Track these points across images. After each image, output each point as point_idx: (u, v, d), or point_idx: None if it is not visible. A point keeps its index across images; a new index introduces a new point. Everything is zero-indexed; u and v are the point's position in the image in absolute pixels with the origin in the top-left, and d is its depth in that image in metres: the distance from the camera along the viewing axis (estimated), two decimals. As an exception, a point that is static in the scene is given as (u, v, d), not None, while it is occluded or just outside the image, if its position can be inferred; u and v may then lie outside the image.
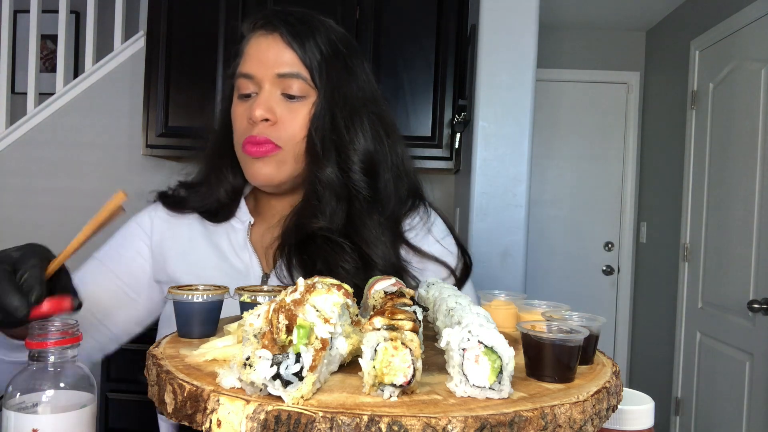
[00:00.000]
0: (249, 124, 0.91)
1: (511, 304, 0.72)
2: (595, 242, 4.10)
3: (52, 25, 3.08)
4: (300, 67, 0.91)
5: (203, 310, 0.63)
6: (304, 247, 0.91)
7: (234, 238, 0.99)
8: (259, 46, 0.93)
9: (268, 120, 0.90)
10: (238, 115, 0.94)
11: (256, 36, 0.94)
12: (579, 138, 4.08)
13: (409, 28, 2.56)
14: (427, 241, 0.99)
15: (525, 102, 2.22)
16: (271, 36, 0.92)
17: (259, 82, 0.91)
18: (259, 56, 0.92)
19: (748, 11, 2.72)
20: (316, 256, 0.89)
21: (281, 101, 0.91)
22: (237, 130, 0.95)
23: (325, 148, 0.92)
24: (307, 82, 0.91)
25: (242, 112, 0.93)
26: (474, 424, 0.41)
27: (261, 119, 0.89)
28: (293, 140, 0.92)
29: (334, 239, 0.90)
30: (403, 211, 1.00)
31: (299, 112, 0.92)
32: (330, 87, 0.92)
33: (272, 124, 0.91)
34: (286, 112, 0.91)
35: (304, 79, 0.91)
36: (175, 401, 0.47)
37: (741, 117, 2.78)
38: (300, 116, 0.92)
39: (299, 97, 0.92)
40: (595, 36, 4.02)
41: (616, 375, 0.55)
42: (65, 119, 2.96)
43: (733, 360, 2.77)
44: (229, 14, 2.60)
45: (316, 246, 0.90)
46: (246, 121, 0.92)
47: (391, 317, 0.48)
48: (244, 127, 0.93)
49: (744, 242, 2.68)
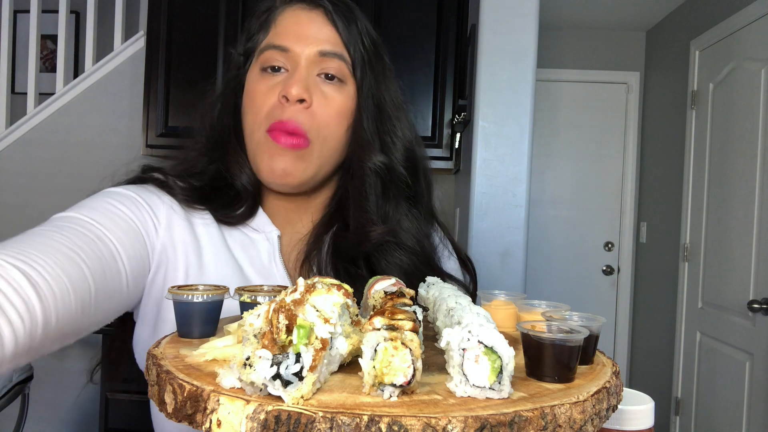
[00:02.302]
0: (279, 103, 0.81)
1: (511, 304, 0.72)
2: (595, 242, 4.10)
3: (52, 25, 3.08)
4: (342, 48, 0.83)
5: (203, 310, 0.62)
6: (366, 260, 0.84)
7: (255, 252, 0.85)
8: (298, 19, 0.83)
9: (303, 101, 0.80)
10: (260, 91, 0.82)
11: (294, 8, 0.85)
12: (579, 138, 4.08)
13: (409, 28, 2.56)
14: (444, 257, 0.97)
15: (525, 102, 2.22)
16: (313, 11, 0.84)
17: (295, 58, 0.82)
18: (299, 30, 0.82)
19: (748, 11, 2.72)
20: (372, 268, 0.84)
21: (317, 83, 0.82)
22: (259, 109, 0.82)
23: (372, 137, 0.85)
24: (347, 66, 0.84)
25: (268, 88, 0.82)
26: (474, 424, 0.41)
27: (297, 99, 0.79)
28: (323, 131, 0.83)
29: (390, 243, 0.85)
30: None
31: (333, 99, 0.83)
32: (373, 76, 0.86)
33: (306, 107, 0.81)
34: (320, 97, 0.82)
35: (346, 62, 0.83)
36: (175, 401, 0.47)
37: (741, 117, 2.78)
38: (334, 103, 0.83)
39: (338, 79, 0.83)
40: (595, 36, 4.02)
41: (616, 375, 0.55)
42: (65, 119, 2.96)
43: (733, 360, 2.77)
44: (229, 14, 2.60)
45: (373, 257, 0.84)
46: (274, 99, 0.81)
47: (391, 317, 0.48)
48: (271, 106, 0.81)
49: (744, 242, 2.68)
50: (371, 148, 0.85)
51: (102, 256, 0.68)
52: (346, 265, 0.85)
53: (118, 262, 0.71)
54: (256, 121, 0.83)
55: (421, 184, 0.94)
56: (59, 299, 0.58)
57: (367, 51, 0.85)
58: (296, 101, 0.80)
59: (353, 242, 0.85)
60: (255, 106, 0.83)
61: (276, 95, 0.81)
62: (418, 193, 0.93)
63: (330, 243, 0.87)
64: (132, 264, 0.73)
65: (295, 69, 0.81)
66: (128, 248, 0.73)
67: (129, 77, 2.92)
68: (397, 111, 0.90)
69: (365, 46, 0.85)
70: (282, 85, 0.81)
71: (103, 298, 0.66)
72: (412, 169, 0.91)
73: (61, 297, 0.58)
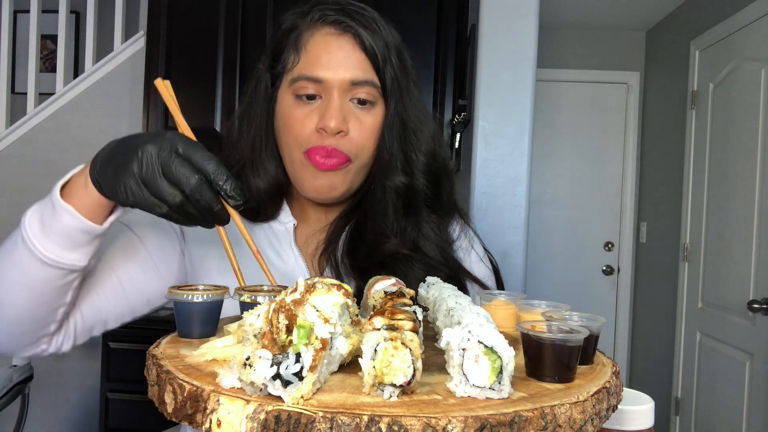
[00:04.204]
0: (317, 133, 0.85)
1: (511, 304, 0.72)
2: (595, 242, 4.10)
3: (52, 25, 3.08)
4: (372, 74, 0.86)
5: (203, 310, 0.63)
6: (382, 267, 0.87)
7: (275, 239, 0.93)
8: (328, 46, 0.85)
9: (341, 132, 0.84)
10: (297, 119, 0.86)
11: (323, 34, 0.86)
12: (579, 138, 4.08)
13: (409, 28, 2.56)
14: (469, 258, 0.98)
15: (525, 102, 2.22)
16: (342, 37, 0.86)
17: (328, 87, 0.85)
18: (330, 58, 0.84)
19: (748, 11, 2.72)
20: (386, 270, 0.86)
21: (351, 110, 0.86)
22: (297, 136, 0.86)
23: (394, 155, 0.89)
24: (377, 90, 0.87)
25: (305, 115, 0.86)
26: (474, 424, 0.41)
27: (336, 131, 0.84)
28: (363, 151, 0.87)
29: (404, 254, 0.88)
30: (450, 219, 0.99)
31: (367, 121, 0.87)
32: (399, 93, 0.88)
33: (344, 135, 0.85)
34: (355, 121, 0.86)
35: (376, 86, 0.86)
36: (175, 401, 0.47)
37: (741, 117, 2.78)
38: (368, 125, 0.87)
39: (369, 103, 0.87)
40: (595, 36, 4.02)
41: (616, 375, 0.55)
42: (65, 119, 2.95)
43: (733, 360, 2.77)
44: (229, 14, 2.60)
45: (387, 265, 0.87)
46: (311, 127, 0.85)
47: (391, 317, 0.48)
48: (308, 134, 0.85)
49: (744, 242, 2.68)
50: (393, 168, 0.89)
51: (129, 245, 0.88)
52: (361, 269, 0.88)
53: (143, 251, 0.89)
54: (295, 144, 0.87)
55: (444, 189, 0.95)
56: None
57: (394, 69, 0.88)
58: (334, 133, 0.84)
59: (366, 253, 0.88)
60: (293, 132, 0.87)
61: (313, 124, 0.85)
62: (439, 196, 0.95)
63: (346, 240, 0.91)
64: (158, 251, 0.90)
65: (329, 98, 0.85)
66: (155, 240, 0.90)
67: (129, 77, 2.92)
68: (420, 123, 0.92)
69: (393, 65, 0.88)
70: (318, 114, 0.85)
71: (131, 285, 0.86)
72: (435, 178, 0.94)
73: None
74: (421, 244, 0.90)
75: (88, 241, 0.71)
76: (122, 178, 0.65)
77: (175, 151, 0.65)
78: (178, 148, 0.65)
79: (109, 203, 0.70)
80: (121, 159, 0.66)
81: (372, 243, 0.89)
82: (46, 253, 0.69)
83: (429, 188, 0.92)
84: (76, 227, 0.69)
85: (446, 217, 0.97)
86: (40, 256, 0.69)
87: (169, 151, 0.64)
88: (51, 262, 0.70)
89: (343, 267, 0.88)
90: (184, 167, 0.64)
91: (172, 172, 0.64)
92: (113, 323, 0.87)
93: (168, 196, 0.64)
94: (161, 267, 0.90)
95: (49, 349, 0.80)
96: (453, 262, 0.93)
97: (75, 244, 0.70)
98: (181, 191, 0.64)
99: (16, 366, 2.13)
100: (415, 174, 0.91)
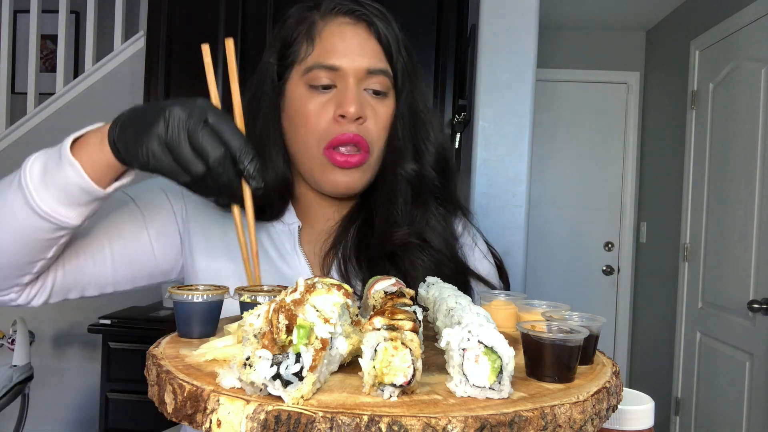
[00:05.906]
0: (335, 122, 0.84)
1: (511, 304, 0.72)
2: (595, 242, 4.10)
3: (52, 25, 3.08)
4: (386, 63, 0.87)
5: (203, 310, 0.62)
6: (392, 259, 0.87)
7: (278, 241, 0.91)
8: (343, 35, 0.85)
9: (360, 118, 0.84)
10: (313, 110, 0.84)
11: (338, 23, 0.86)
12: (579, 138, 4.08)
13: (409, 28, 2.56)
14: (473, 256, 0.98)
15: (525, 102, 2.22)
16: (357, 26, 0.86)
17: (344, 76, 0.84)
18: (345, 47, 0.84)
19: (748, 11, 2.72)
20: (396, 266, 0.86)
21: (367, 99, 0.86)
22: (315, 127, 0.85)
23: (406, 144, 0.89)
24: (390, 80, 0.87)
25: (320, 106, 0.84)
26: (474, 424, 0.41)
27: (356, 117, 0.83)
28: (378, 141, 0.87)
29: (414, 243, 0.88)
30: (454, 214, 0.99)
31: (381, 111, 0.87)
32: (410, 84, 0.90)
33: (362, 123, 0.85)
34: (372, 112, 0.86)
35: (389, 76, 0.87)
36: (175, 401, 0.47)
37: (741, 117, 2.78)
38: (383, 115, 0.87)
39: (383, 93, 0.87)
40: (595, 36, 4.02)
41: (616, 375, 0.55)
42: (65, 119, 2.95)
43: (733, 360, 2.77)
44: (229, 14, 2.60)
45: (396, 256, 0.87)
46: (329, 117, 0.84)
47: (391, 317, 0.48)
48: (326, 125, 0.84)
49: (744, 242, 2.68)
50: (404, 156, 0.89)
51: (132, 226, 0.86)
52: (369, 262, 0.87)
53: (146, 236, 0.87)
54: (312, 138, 0.85)
55: (451, 184, 0.96)
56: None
57: (404, 60, 0.89)
58: (354, 119, 0.83)
59: (376, 242, 0.88)
60: (309, 125, 0.85)
61: (329, 114, 0.84)
62: (447, 191, 0.95)
63: (354, 236, 0.91)
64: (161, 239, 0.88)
65: (346, 86, 0.84)
66: (158, 226, 0.88)
67: (129, 77, 2.92)
68: (429, 114, 0.93)
69: (403, 57, 0.89)
70: (334, 103, 0.84)
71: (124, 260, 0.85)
72: (443, 170, 0.94)
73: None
74: (428, 237, 0.90)
75: (87, 201, 0.69)
76: (144, 140, 0.62)
77: (205, 119, 0.62)
78: (207, 117, 0.63)
79: (120, 167, 0.68)
80: (146, 120, 0.63)
81: (382, 231, 0.88)
82: (40, 203, 0.67)
83: (437, 179, 0.93)
84: (78, 185, 0.67)
85: (451, 212, 0.98)
86: (34, 204, 0.67)
87: (198, 118, 0.62)
88: (43, 214, 0.67)
89: (350, 266, 0.88)
90: (212, 138, 0.62)
91: (199, 141, 0.61)
92: (93, 291, 0.84)
93: (191, 165, 0.62)
94: (156, 249, 0.88)
95: (18, 299, 0.78)
96: (458, 258, 0.93)
97: (72, 201, 0.68)
98: (204, 162, 0.62)
99: (16, 366, 2.13)
100: (424, 164, 0.91)
